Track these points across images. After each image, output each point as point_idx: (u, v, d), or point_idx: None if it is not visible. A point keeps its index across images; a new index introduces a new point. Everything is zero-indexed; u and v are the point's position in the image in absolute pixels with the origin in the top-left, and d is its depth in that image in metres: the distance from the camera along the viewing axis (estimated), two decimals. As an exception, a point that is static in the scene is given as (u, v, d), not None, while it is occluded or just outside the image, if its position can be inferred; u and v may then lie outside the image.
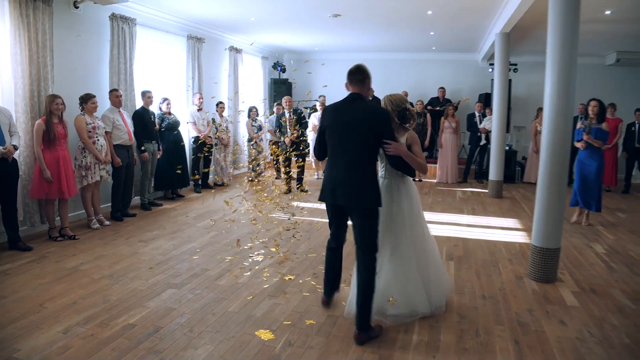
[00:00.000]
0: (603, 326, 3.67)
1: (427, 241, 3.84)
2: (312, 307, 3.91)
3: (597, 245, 5.87)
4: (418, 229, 3.76)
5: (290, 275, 4.63)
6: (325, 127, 3.50)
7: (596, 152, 6.53)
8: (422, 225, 3.83)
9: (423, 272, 3.70)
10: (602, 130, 6.51)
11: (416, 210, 3.76)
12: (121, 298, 4.03)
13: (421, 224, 3.82)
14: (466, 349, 3.28)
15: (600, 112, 6.53)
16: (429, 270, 3.75)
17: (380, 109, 3.43)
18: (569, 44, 4.28)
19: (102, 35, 6.93)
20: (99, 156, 6.14)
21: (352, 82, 3.47)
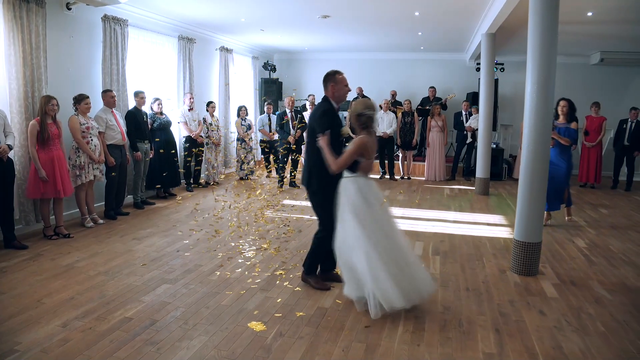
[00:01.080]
0: (580, 316, 3.85)
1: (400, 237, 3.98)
2: (302, 300, 4.06)
3: (579, 240, 6.07)
4: (390, 225, 3.95)
5: (281, 270, 4.77)
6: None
7: (566, 152, 6.53)
8: (392, 222, 4.02)
9: (400, 268, 3.78)
10: (571, 129, 6.51)
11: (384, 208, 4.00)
12: (117, 293, 4.15)
13: (391, 221, 4.02)
14: (449, 337, 3.44)
15: (570, 111, 6.58)
16: (406, 266, 3.85)
17: (317, 108, 4.06)
18: (548, 45, 4.45)
19: (95, 37, 7.02)
20: (93, 156, 6.24)
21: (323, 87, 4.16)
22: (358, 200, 3.81)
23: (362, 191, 3.84)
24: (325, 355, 3.16)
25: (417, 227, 6.60)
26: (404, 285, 3.69)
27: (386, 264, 3.67)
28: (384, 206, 3.94)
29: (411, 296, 3.75)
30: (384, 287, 3.62)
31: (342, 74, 4.14)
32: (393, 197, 8.77)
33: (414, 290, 3.77)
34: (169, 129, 8.19)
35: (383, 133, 10.47)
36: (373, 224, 3.77)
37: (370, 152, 3.89)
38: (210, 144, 9.43)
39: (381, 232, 3.78)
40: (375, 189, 3.98)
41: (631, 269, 5.03)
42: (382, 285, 3.62)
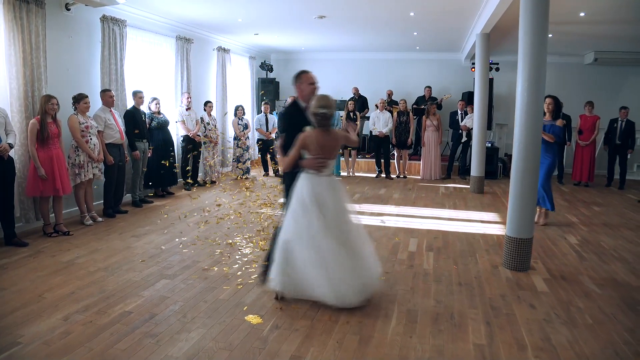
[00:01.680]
0: (569, 309, 3.94)
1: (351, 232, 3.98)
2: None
3: (570, 237, 6.18)
4: (345, 222, 3.97)
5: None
6: None
7: (550, 150, 6.52)
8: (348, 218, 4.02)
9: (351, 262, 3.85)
10: (556, 126, 6.51)
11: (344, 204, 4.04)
12: (117, 288, 4.24)
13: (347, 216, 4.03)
14: (441, 330, 3.54)
15: (556, 109, 6.61)
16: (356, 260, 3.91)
17: (281, 110, 4.11)
18: (539, 44, 4.55)
19: (93, 37, 7.11)
20: (92, 155, 6.32)
21: None
22: (302, 197, 3.82)
23: (310, 188, 3.81)
24: (320, 347, 3.25)
25: (412, 224, 6.69)
26: (337, 287, 3.73)
27: (323, 259, 3.72)
28: (340, 205, 3.92)
29: (346, 299, 3.77)
30: (317, 284, 3.73)
31: (308, 73, 4.10)
32: (389, 195, 8.87)
33: (352, 293, 3.79)
34: (167, 128, 8.27)
35: (379, 132, 10.58)
36: (314, 222, 3.75)
37: (315, 149, 3.79)
38: (208, 143, 9.52)
39: (323, 232, 3.75)
40: (330, 187, 3.88)
41: (621, 265, 5.14)
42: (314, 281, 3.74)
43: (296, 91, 4.11)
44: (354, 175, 11.21)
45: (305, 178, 3.86)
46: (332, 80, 13.33)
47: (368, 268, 3.95)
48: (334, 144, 3.91)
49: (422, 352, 3.22)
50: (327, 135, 3.84)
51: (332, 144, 3.88)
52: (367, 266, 3.94)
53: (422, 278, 4.59)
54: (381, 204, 8.00)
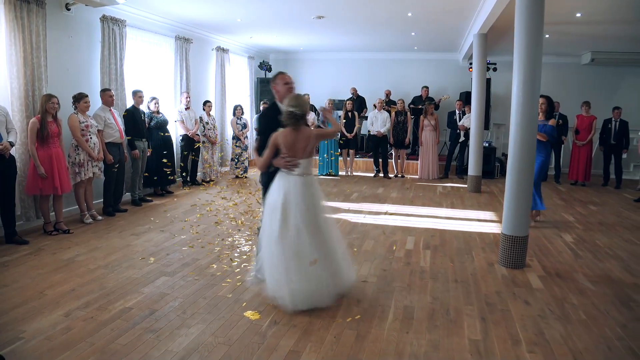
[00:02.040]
0: (563, 305, 4.00)
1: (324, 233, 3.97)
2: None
3: (566, 235, 6.24)
4: (318, 222, 3.95)
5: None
6: None
7: (543, 149, 6.54)
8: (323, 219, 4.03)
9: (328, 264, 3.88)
10: (548, 126, 6.52)
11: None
12: (117, 285, 4.29)
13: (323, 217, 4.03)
14: (437, 325, 3.60)
15: (549, 108, 6.65)
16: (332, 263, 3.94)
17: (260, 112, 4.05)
18: (534, 45, 4.61)
19: (93, 37, 7.15)
20: (92, 154, 6.37)
21: None
22: (272, 198, 3.89)
23: (279, 187, 3.86)
24: (318, 342, 3.31)
25: (410, 222, 6.75)
26: (302, 288, 3.73)
27: (286, 262, 3.73)
28: (313, 205, 3.90)
29: (312, 300, 3.78)
30: (278, 285, 3.78)
31: (283, 74, 4.12)
32: (386, 194, 8.92)
33: (320, 294, 3.80)
34: (166, 127, 8.32)
35: (377, 132, 10.64)
36: (275, 226, 3.78)
37: (285, 148, 3.83)
38: (207, 142, 9.57)
39: (293, 232, 3.76)
40: (303, 187, 3.86)
41: (616, 262, 5.20)
42: (278, 282, 3.78)
43: (274, 93, 4.17)
44: (353, 174, 11.26)
45: (278, 177, 3.93)
46: (331, 80, 13.42)
47: (340, 271, 3.96)
48: (304, 143, 3.87)
49: (418, 347, 3.27)
50: (297, 134, 3.85)
51: (302, 143, 3.86)
52: (338, 269, 3.95)
53: (418, 275, 4.65)
54: (379, 203, 8.06)
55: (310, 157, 3.97)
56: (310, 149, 3.95)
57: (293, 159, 3.84)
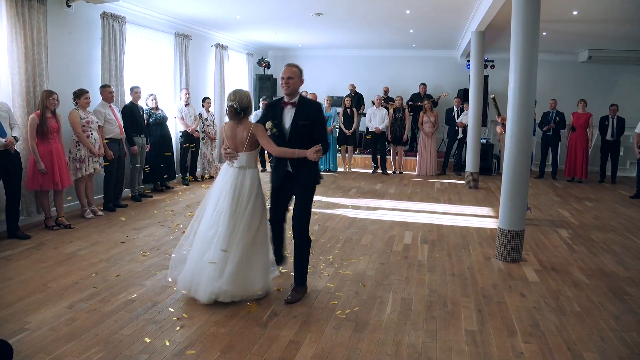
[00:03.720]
0: (558, 298, 4.08)
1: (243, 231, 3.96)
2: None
3: (562, 231, 6.32)
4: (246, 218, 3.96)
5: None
6: None
7: None
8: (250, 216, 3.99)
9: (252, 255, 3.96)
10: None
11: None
12: (120, 278, 4.35)
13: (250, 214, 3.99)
14: (434, 317, 3.67)
15: None
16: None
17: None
18: (530, 42, 4.69)
19: (94, 33, 7.20)
20: (93, 149, 6.42)
21: None
22: (213, 184, 4.14)
23: (220, 176, 4.07)
24: (317, 332, 3.38)
25: (407, 218, 6.83)
26: (189, 267, 3.92)
27: (196, 240, 3.97)
28: (244, 200, 3.91)
29: (190, 285, 3.89)
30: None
31: (284, 68, 4.04)
32: (384, 190, 9.00)
33: (198, 283, 3.85)
34: (165, 124, 8.37)
35: (375, 128, 10.70)
36: (200, 211, 4.08)
37: (227, 140, 3.99)
38: (206, 138, 9.62)
39: (215, 216, 3.91)
40: (235, 180, 3.91)
41: (610, 257, 5.28)
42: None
43: None
44: (351, 170, 11.34)
45: (222, 168, 4.10)
46: (329, 77, 13.46)
47: (246, 275, 3.88)
48: (241, 137, 3.91)
49: (416, 337, 3.35)
50: (235, 127, 3.94)
51: (239, 137, 3.92)
52: (245, 272, 3.88)
53: (416, 269, 4.73)
54: (377, 199, 8.13)
55: (252, 151, 3.96)
56: (252, 143, 3.93)
57: (232, 152, 3.95)
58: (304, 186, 3.94)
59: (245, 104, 3.92)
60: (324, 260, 4.90)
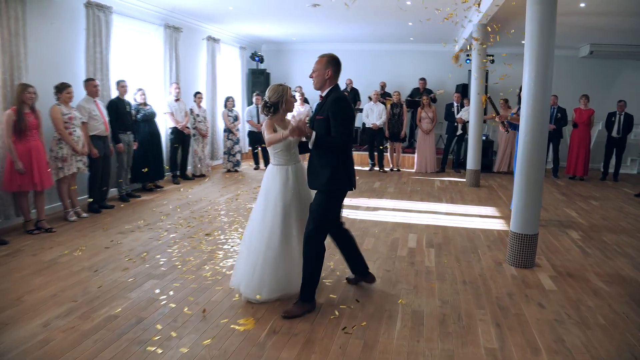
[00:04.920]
0: (579, 308, 3.77)
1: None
2: (295, 295, 3.91)
3: (572, 232, 6.01)
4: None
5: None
6: (354, 117, 3.76)
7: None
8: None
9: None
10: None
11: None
12: (102, 289, 3.98)
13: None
14: (449, 332, 3.34)
15: None
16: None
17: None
18: (547, 34, 4.37)
19: (77, 24, 6.79)
20: (76, 147, 6.04)
21: (339, 74, 3.75)
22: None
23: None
24: (322, 353, 3.03)
25: (410, 219, 6.49)
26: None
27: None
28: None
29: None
30: None
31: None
32: (383, 189, 8.66)
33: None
34: (154, 120, 7.98)
35: (372, 124, 10.36)
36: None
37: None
38: (198, 135, 9.25)
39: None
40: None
41: (625, 260, 4.99)
42: None
43: None
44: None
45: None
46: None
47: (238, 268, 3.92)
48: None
49: (432, 357, 3.01)
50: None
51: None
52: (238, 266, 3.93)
53: (424, 276, 4.39)
54: (376, 198, 7.79)
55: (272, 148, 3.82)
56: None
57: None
58: (314, 188, 3.70)
59: (274, 99, 3.79)
60: (325, 268, 4.53)
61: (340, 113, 3.51)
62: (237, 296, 3.86)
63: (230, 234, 5.63)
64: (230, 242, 5.31)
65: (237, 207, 6.92)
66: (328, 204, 3.61)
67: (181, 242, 5.29)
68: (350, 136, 3.58)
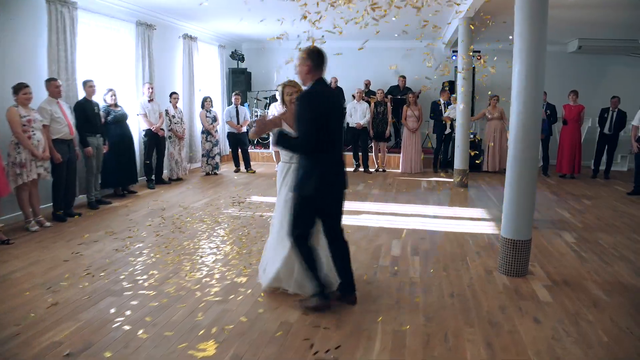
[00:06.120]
0: (579, 323, 3.42)
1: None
2: (264, 313, 3.54)
3: (566, 235, 5.68)
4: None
5: (243, 277, 4.24)
6: (322, 117, 3.32)
7: None
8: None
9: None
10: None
11: None
12: (52, 310, 3.57)
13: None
14: (434, 356, 2.97)
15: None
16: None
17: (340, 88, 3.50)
18: (539, 27, 4.06)
19: (39, 20, 6.35)
20: (35, 152, 5.61)
21: (321, 66, 3.49)
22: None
23: None
24: (289, 384, 2.66)
25: (395, 223, 6.12)
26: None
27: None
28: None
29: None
30: None
31: None
32: (367, 191, 8.29)
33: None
34: (125, 122, 7.55)
35: (356, 124, 9.99)
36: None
37: None
38: (174, 137, 8.83)
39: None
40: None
41: (624, 265, 4.67)
42: None
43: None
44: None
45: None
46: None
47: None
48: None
49: (414, 388, 2.65)
50: None
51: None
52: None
53: (408, 289, 4.01)
54: (360, 201, 7.41)
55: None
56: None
57: None
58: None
59: (278, 96, 3.94)
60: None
61: (301, 111, 3.27)
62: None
63: (200, 243, 5.23)
64: (199, 252, 4.92)
65: (212, 213, 6.52)
66: (298, 208, 3.41)
67: (147, 253, 4.89)
68: (311, 135, 3.23)
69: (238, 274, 4.31)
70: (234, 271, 4.39)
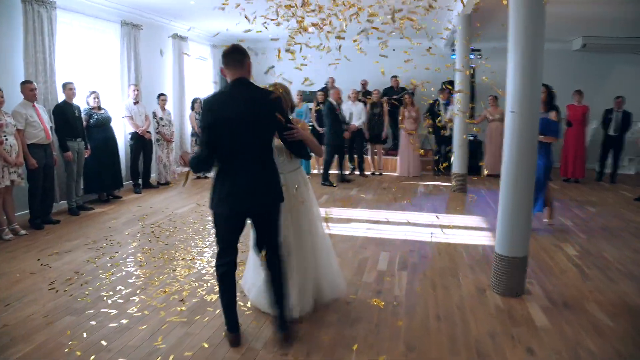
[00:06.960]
0: (579, 354, 3.07)
1: (318, 235, 3.67)
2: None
3: (568, 247, 5.33)
4: (313, 222, 3.66)
5: (214, 294, 3.92)
6: (215, 125, 2.88)
7: (544, 147, 5.65)
8: (315, 218, 3.69)
9: (314, 268, 3.58)
10: (551, 121, 5.75)
11: (309, 204, 3.67)
12: (4, 331, 3.28)
13: (314, 217, 3.69)
14: (413, 393, 2.65)
15: (549, 99, 5.85)
16: (319, 267, 3.63)
17: (271, 91, 3.04)
18: (535, 21, 3.71)
19: (14, 20, 6.08)
20: (8, 158, 5.35)
21: (229, 65, 2.98)
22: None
23: None
24: None
25: (384, 233, 5.79)
26: None
27: None
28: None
29: None
30: None
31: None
32: (360, 197, 7.96)
33: None
34: (109, 125, 7.26)
35: (351, 125, 9.65)
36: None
37: None
38: (162, 140, 8.54)
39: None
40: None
41: (631, 283, 4.30)
42: None
43: (245, 69, 3.03)
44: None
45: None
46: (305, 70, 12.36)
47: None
48: None
49: None
50: None
51: None
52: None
53: (390, 310, 3.67)
54: (350, 207, 7.08)
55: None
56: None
57: None
58: None
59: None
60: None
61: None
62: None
63: (175, 254, 4.92)
64: (173, 265, 4.61)
65: (195, 220, 6.23)
66: (214, 224, 3.12)
67: (119, 266, 4.59)
68: (202, 145, 2.94)
69: (209, 291, 4.00)
70: (206, 287, 4.08)
